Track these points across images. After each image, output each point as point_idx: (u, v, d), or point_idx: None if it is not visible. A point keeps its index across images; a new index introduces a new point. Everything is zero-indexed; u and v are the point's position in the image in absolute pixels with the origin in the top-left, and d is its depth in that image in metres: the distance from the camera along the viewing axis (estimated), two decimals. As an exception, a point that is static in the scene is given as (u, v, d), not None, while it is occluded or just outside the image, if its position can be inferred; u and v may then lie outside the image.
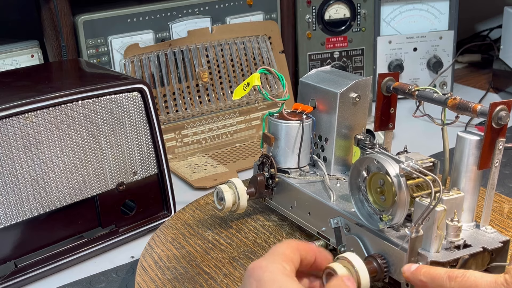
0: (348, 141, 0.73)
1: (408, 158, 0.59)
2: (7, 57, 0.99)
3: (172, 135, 1.05)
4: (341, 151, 0.74)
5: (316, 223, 0.70)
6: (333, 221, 0.65)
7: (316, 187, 0.72)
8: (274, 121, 0.74)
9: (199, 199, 0.84)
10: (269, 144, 0.74)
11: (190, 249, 0.71)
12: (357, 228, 0.63)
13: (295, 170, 0.74)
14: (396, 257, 0.57)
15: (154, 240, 0.73)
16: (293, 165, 0.74)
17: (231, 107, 1.11)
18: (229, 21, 1.15)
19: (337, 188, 0.71)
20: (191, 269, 0.67)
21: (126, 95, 0.77)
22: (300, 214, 0.72)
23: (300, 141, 0.73)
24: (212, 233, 0.75)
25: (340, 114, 0.72)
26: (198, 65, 1.08)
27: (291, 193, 0.73)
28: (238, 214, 0.78)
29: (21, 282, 0.72)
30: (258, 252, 0.70)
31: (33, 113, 0.70)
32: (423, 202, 0.56)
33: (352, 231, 0.63)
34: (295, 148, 0.73)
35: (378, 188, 0.59)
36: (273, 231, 0.75)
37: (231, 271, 0.67)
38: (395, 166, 0.57)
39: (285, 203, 0.75)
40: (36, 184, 0.71)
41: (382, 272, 0.58)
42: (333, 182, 0.72)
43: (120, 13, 1.05)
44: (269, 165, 0.75)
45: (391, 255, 0.58)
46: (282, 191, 0.75)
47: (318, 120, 0.74)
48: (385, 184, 0.58)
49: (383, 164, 0.57)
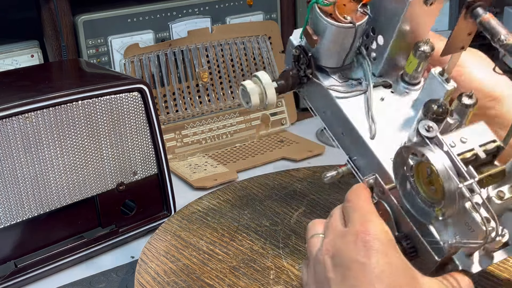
0: (407, 44, 0.60)
1: (465, 139, 0.50)
2: (7, 57, 0.99)
3: (172, 135, 1.05)
4: (396, 53, 0.61)
5: (349, 147, 0.61)
6: (368, 181, 0.56)
7: (357, 103, 0.60)
8: (322, 19, 0.58)
9: (183, 209, 0.81)
10: (311, 44, 0.61)
11: (186, 262, 0.70)
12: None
13: (336, 71, 0.62)
14: (425, 257, 0.52)
15: (146, 255, 0.71)
16: (335, 64, 0.62)
17: (231, 107, 1.11)
18: (229, 21, 1.15)
19: (382, 108, 0.60)
20: (193, 283, 0.66)
21: (126, 95, 0.77)
22: (333, 128, 0.63)
23: (350, 46, 0.60)
24: (205, 243, 0.73)
25: (411, 9, 0.57)
26: (198, 65, 1.08)
27: (326, 101, 0.62)
28: (228, 221, 0.77)
29: (21, 282, 0.72)
30: (258, 259, 0.69)
31: (33, 113, 0.70)
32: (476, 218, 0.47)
33: (386, 197, 0.54)
34: (342, 51, 0.61)
35: (426, 178, 0.51)
36: (268, 236, 0.74)
37: (235, 281, 0.66)
38: (441, 156, 0.48)
39: (319, 106, 0.65)
40: (36, 184, 0.71)
41: (407, 256, 0.52)
42: (378, 94, 0.61)
43: (120, 13, 1.05)
44: (306, 64, 0.63)
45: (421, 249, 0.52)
46: (316, 92, 0.64)
47: (377, 10, 0.60)
48: (432, 173, 0.49)
49: (425, 154, 0.48)
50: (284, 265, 0.68)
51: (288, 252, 0.70)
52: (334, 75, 0.63)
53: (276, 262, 0.69)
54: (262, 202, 0.82)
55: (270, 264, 0.68)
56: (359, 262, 0.47)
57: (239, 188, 0.87)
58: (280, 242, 0.73)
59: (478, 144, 0.50)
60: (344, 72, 0.63)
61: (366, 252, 0.47)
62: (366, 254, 0.47)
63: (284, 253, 0.70)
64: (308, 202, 0.82)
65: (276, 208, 0.81)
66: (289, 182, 0.88)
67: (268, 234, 0.75)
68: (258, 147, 1.10)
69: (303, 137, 1.13)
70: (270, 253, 0.71)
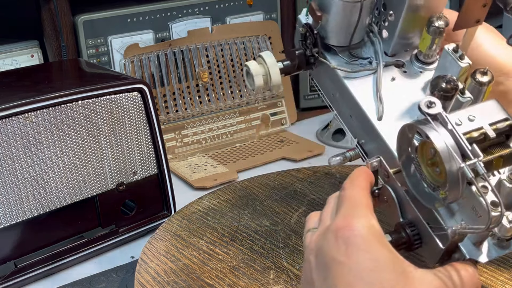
0: (420, 19, 0.57)
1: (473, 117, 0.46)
2: (7, 57, 0.99)
3: (172, 135, 1.05)
4: (408, 30, 0.58)
5: (356, 131, 0.58)
6: (372, 163, 0.52)
7: (365, 84, 0.58)
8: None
9: (183, 209, 0.81)
10: (316, 21, 0.59)
11: (186, 261, 0.70)
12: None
13: (345, 49, 0.60)
14: (430, 245, 0.49)
15: (146, 255, 0.71)
16: (342, 42, 0.60)
17: (231, 107, 1.11)
18: (229, 21, 1.15)
19: (392, 88, 0.57)
20: (193, 282, 0.66)
21: (126, 95, 0.77)
22: (341, 110, 0.61)
23: (356, 21, 0.57)
24: (205, 243, 0.73)
25: None
26: (198, 65, 1.08)
27: (334, 81, 0.60)
28: (228, 221, 0.77)
29: (21, 282, 0.72)
30: (258, 259, 0.69)
31: (33, 113, 0.70)
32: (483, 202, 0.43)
33: (390, 181, 0.51)
34: (348, 28, 0.58)
35: (430, 159, 0.47)
36: (268, 236, 0.74)
37: (235, 281, 0.66)
38: (444, 134, 0.44)
39: (327, 88, 0.62)
40: (36, 184, 0.71)
41: (412, 244, 0.50)
42: (388, 74, 0.58)
43: (120, 13, 1.05)
44: (313, 43, 0.60)
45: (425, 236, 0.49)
46: (324, 73, 0.62)
47: None
48: (436, 154, 0.45)
49: (426, 132, 0.45)
50: (284, 265, 0.68)
51: (288, 252, 0.70)
52: (343, 54, 0.60)
53: (276, 262, 0.69)
54: (262, 202, 0.82)
55: (270, 264, 0.68)
56: (338, 261, 0.44)
57: (239, 188, 0.87)
58: (280, 242, 0.73)
59: (488, 122, 0.45)
60: (354, 52, 0.60)
61: (346, 250, 0.44)
62: (345, 252, 0.44)
63: (284, 253, 0.70)
64: (308, 202, 0.82)
65: (276, 208, 0.81)
66: (289, 182, 0.88)
67: (268, 234, 0.75)
68: (258, 147, 1.10)
69: (303, 137, 1.13)
70: (270, 253, 0.71)
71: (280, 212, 0.80)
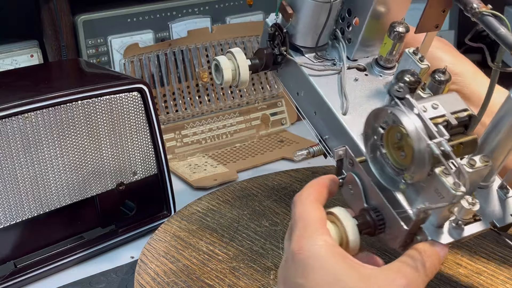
0: (382, 25, 0.61)
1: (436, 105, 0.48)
2: (6, 57, 0.99)
3: (172, 135, 1.05)
4: (371, 35, 0.62)
5: (320, 127, 0.61)
6: (338, 152, 0.55)
7: (330, 82, 0.61)
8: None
9: (183, 210, 0.81)
10: (286, 19, 0.62)
11: (186, 262, 0.70)
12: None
13: (311, 51, 0.63)
14: (394, 228, 0.50)
15: (146, 255, 0.71)
16: (309, 43, 0.63)
17: (231, 107, 1.11)
18: (229, 21, 1.15)
19: (355, 87, 0.60)
20: (193, 283, 0.66)
21: (126, 95, 0.77)
22: (305, 108, 0.63)
23: (324, 22, 0.61)
24: (205, 244, 0.73)
25: None
26: (198, 65, 1.08)
27: (299, 79, 0.63)
28: (228, 222, 0.77)
29: (21, 282, 0.72)
30: (258, 260, 0.69)
31: (33, 113, 0.70)
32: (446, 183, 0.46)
33: (355, 168, 0.53)
34: (316, 28, 0.62)
35: (395, 143, 0.49)
36: (267, 237, 0.74)
37: (235, 281, 0.66)
38: (412, 117, 0.46)
39: (292, 87, 0.65)
40: (36, 184, 0.71)
41: (376, 228, 0.51)
42: (351, 75, 0.61)
43: (120, 13, 1.05)
44: (281, 41, 0.63)
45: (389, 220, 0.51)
46: (291, 72, 0.64)
47: None
48: (403, 138, 0.48)
49: (398, 116, 0.47)
50: (284, 265, 0.68)
51: (288, 252, 0.70)
52: (309, 55, 0.64)
53: (276, 262, 0.69)
54: (262, 203, 0.82)
55: (270, 264, 0.68)
56: (299, 284, 0.47)
57: (238, 189, 0.87)
58: (280, 242, 0.73)
59: (450, 111, 0.49)
60: (319, 53, 0.64)
61: (303, 272, 0.46)
62: (303, 274, 0.46)
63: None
64: (308, 202, 0.82)
65: (276, 208, 0.81)
66: (288, 182, 0.88)
67: (268, 234, 0.75)
68: (258, 147, 1.10)
69: (303, 137, 1.13)
70: (270, 253, 0.71)
71: (280, 213, 0.80)
